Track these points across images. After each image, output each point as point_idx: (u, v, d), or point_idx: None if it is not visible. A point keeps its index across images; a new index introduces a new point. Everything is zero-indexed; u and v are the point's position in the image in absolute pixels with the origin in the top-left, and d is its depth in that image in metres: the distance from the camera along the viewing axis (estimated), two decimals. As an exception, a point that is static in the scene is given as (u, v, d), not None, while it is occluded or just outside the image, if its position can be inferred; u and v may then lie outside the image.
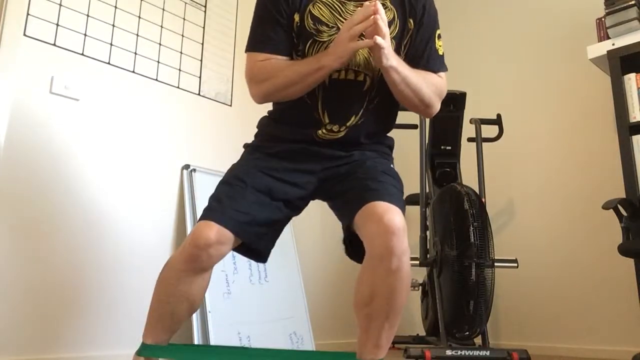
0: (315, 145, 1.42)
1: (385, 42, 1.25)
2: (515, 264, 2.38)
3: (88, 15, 2.15)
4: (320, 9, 1.38)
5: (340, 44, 1.27)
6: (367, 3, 1.27)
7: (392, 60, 1.29)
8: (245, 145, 1.54)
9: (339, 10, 1.38)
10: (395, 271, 1.21)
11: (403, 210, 1.29)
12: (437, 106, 1.46)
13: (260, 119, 1.55)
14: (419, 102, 1.40)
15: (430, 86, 1.41)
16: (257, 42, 1.39)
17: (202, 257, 1.29)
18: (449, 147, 2.66)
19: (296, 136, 1.42)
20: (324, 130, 1.40)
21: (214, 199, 1.36)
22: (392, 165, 1.50)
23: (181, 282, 1.32)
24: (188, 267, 1.31)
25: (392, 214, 1.22)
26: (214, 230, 1.28)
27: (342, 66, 1.32)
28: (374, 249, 1.22)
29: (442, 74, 1.48)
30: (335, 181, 1.43)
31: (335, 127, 1.40)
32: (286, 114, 1.46)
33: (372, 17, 1.22)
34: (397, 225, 1.21)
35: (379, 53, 1.26)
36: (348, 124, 1.40)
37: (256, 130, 1.55)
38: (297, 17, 1.37)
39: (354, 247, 1.38)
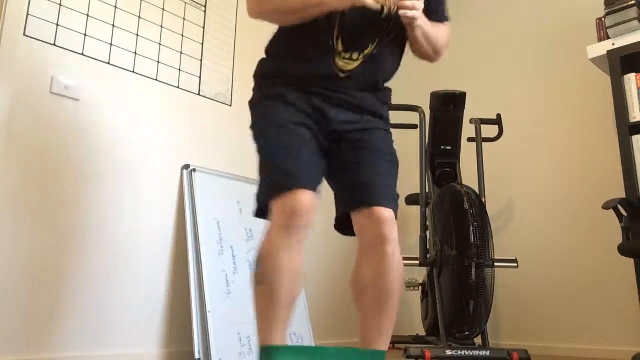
0: (330, 104, 1.40)
1: (417, 13, 1.32)
2: (515, 264, 2.38)
3: (88, 15, 2.15)
4: None
5: None
6: None
7: (419, 20, 1.36)
8: (253, 101, 1.45)
9: None
10: (392, 255, 1.29)
11: (396, 204, 1.34)
12: (444, 54, 1.55)
13: (260, 63, 1.48)
14: (432, 52, 1.50)
15: (442, 38, 1.51)
16: None
17: (302, 225, 1.26)
18: (449, 147, 2.66)
19: (316, 69, 1.38)
20: (340, 59, 1.38)
21: (281, 165, 1.29)
22: (393, 140, 1.51)
23: (293, 261, 1.26)
24: (292, 241, 1.26)
25: (383, 212, 1.30)
26: (307, 195, 1.26)
27: (342, 8, 1.32)
28: (367, 238, 1.31)
29: (447, 22, 1.56)
30: (344, 152, 1.41)
31: (355, 55, 1.39)
32: (300, 39, 1.39)
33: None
34: (387, 217, 1.29)
35: (410, 21, 1.34)
36: (366, 52, 1.40)
37: (257, 80, 1.47)
38: None
39: (345, 222, 1.39)
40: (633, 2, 2.35)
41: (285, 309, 1.24)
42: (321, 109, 1.39)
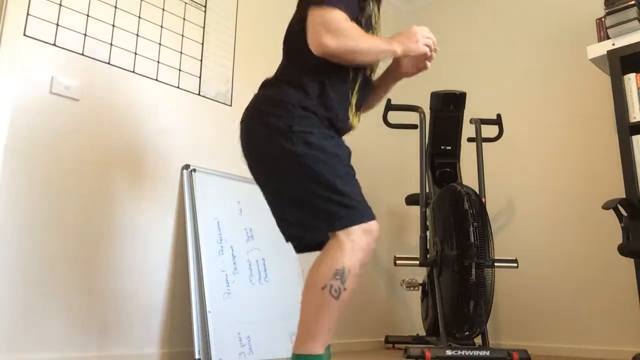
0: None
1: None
2: (515, 264, 2.39)
3: (88, 15, 2.15)
4: (378, 7, 1.58)
5: (412, 40, 1.45)
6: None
7: None
8: (299, 128, 1.39)
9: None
10: (360, 275, 1.49)
11: None
12: None
13: (292, 92, 1.44)
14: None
15: None
16: (342, 2, 1.38)
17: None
18: (449, 147, 2.66)
19: (345, 126, 1.51)
20: (353, 115, 1.53)
21: (354, 195, 1.37)
22: None
23: (357, 280, 1.38)
24: (365, 262, 1.38)
25: None
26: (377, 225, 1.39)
27: (410, 54, 1.48)
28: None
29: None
30: None
31: (358, 114, 1.57)
32: (333, 88, 1.45)
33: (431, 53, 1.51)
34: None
35: (416, 73, 1.59)
36: (360, 112, 1.60)
37: (298, 110, 1.42)
38: (369, 5, 1.51)
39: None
40: (633, 2, 2.35)
41: (334, 324, 1.35)
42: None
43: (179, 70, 2.46)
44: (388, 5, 1.82)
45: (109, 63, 2.20)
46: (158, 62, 2.38)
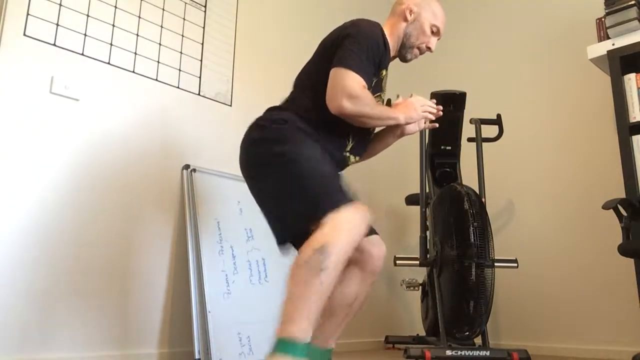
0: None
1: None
2: (515, 264, 2.38)
3: (88, 15, 2.15)
4: (387, 72, 1.73)
5: (411, 109, 1.66)
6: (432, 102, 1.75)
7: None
8: (295, 135, 1.54)
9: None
10: (372, 283, 1.62)
11: None
12: None
13: (296, 114, 1.58)
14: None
15: None
16: (363, 71, 1.54)
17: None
18: (449, 147, 2.66)
19: (335, 151, 1.63)
20: (349, 155, 1.68)
21: (335, 185, 1.48)
22: None
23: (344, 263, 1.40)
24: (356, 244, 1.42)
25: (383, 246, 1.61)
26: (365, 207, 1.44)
27: (404, 122, 1.67)
28: (370, 265, 1.57)
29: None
30: None
31: (356, 158, 1.71)
32: (332, 130, 1.60)
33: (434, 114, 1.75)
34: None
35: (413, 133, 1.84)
36: (360, 159, 1.74)
37: (295, 124, 1.56)
38: (382, 72, 1.67)
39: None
40: (633, 2, 2.35)
41: (318, 312, 1.31)
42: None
43: (179, 70, 2.46)
44: (389, 4, 1.83)
45: (109, 63, 2.20)
46: (158, 62, 2.38)
